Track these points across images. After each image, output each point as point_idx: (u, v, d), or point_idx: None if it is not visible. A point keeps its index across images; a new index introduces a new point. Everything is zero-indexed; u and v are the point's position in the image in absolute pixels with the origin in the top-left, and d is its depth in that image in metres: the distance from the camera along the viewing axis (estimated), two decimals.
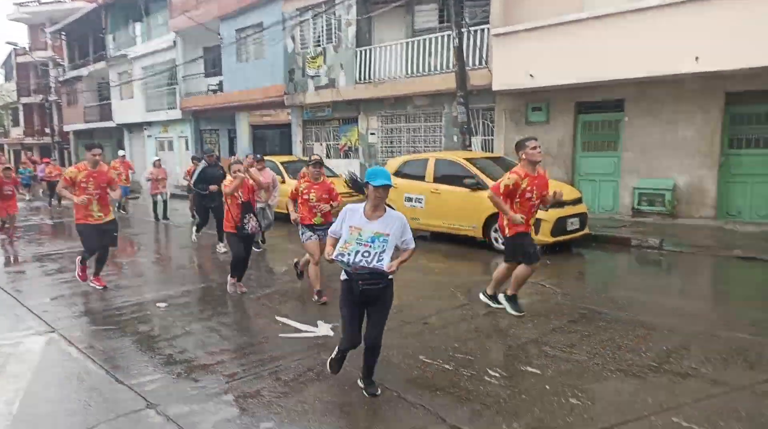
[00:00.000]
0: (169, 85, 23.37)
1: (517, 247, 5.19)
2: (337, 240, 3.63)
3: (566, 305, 5.65)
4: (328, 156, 17.16)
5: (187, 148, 23.54)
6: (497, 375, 4.00)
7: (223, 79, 20.35)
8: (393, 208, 3.69)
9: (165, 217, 13.53)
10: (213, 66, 21.86)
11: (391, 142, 15.33)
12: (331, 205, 6.11)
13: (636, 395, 3.62)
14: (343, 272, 3.63)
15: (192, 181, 10.00)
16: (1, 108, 45.95)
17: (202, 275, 7.92)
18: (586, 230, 8.77)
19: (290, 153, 17.67)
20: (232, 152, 21.48)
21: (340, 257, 3.46)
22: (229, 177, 6.38)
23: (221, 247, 9.00)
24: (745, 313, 5.25)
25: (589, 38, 10.11)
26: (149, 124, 25.55)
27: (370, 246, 3.42)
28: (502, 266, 5.48)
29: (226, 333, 5.12)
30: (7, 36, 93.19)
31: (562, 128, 11.74)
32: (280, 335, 5.00)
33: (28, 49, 38.86)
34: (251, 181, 6.56)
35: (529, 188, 5.05)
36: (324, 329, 5.11)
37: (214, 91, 21.12)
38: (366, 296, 3.54)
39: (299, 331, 5.12)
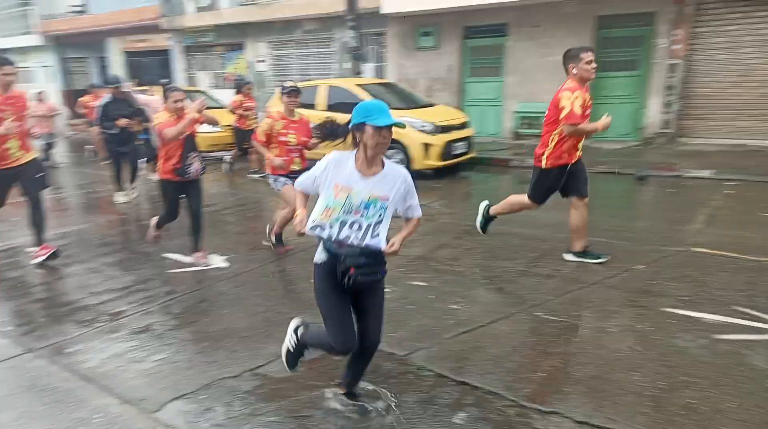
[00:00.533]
0: (23, 4, 20.42)
1: None
2: (307, 198, 2.64)
3: (452, 224, 6.01)
4: (216, 87, 16.21)
5: (52, 80, 21.09)
6: (388, 289, 4.23)
7: None
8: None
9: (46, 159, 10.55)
10: None
11: (282, 71, 14.76)
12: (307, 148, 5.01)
13: (507, 296, 4.04)
14: (319, 251, 2.55)
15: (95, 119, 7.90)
16: None
17: (81, 216, 7.40)
18: (473, 154, 9.20)
19: (171, 82, 16.45)
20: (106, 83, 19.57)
21: (319, 231, 2.43)
22: (163, 113, 4.62)
23: (120, 197, 7.67)
24: (605, 220, 5.90)
25: None
26: (2, 51, 22.38)
27: (363, 214, 2.40)
28: None
29: (110, 273, 4.90)
30: None
31: (451, 54, 11.93)
32: (169, 271, 4.88)
33: None
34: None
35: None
36: (217, 262, 5.05)
37: (79, 13, 18.81)
38: (358, 285, 2.45)
39: (190, 265, 5.02)
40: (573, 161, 4.51)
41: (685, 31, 9.43)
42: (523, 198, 4.84)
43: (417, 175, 5.13)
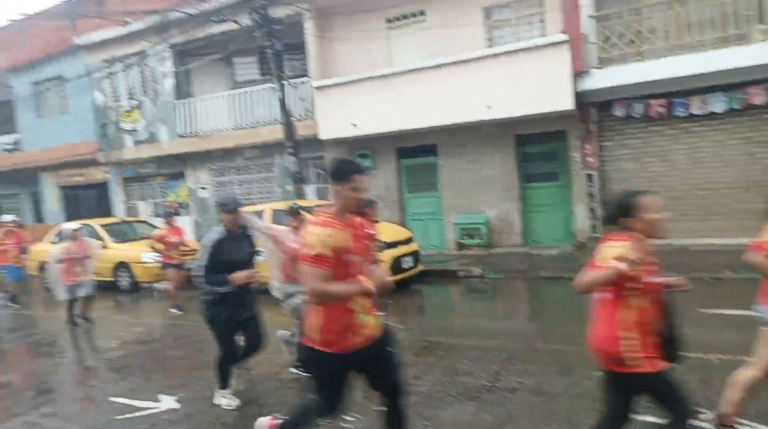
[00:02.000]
0: None
1: None
2: None
3: (410, 340, 6.04)
4: (157, 215, 16.09)
5: None
6: (353, 418, 4.14)
7: (21, 136, 18.10)
8: None
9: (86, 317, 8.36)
10: (6, 122, 19.30)
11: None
12: None
13: (475, 414, 4.03)
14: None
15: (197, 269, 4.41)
16: None
17: (12, 363, 6.84)
18: (420, 267, 9.47)
19: (109, 215, 16.20)
20: (38, 219, 19.00)
21: None
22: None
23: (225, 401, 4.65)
24: (557, 326, 6.14)
25: (400, 90, 11.14)
26: None
27: None
28: None
29: (51, 425, 4.51)
30: None
31: (388, 173, 12.63)
32: (117, 418, 4.56)
33: None
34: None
35: None
36: (167, 402, 4.78)
37: (10, 151, 18.62)
38: None
39: (139, 409, 4.71)
40: None
41: (593, 145, 10.56)
42: None
43: None
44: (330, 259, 2.71)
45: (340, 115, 11.86)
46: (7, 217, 8.13)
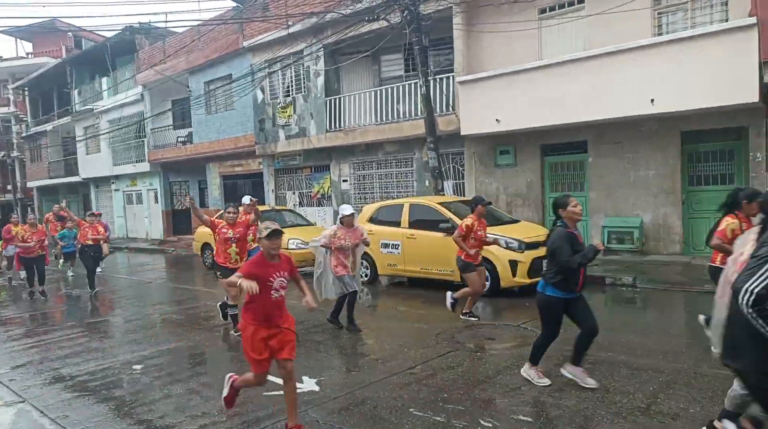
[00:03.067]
0: (137, 138, 23.22)
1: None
2: None
3: (551, 348, 5.66)
4: (301, 204, 17.17)
5: (156, 201, 23.23)
6: (490, 425, 3.95)
7: (193, 130, 20.37)
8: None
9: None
10: (182, 118, 21.88)
11: (364, 189, 15.47)
12: None
13: None
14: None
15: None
16: None
17: (176, 333, 7.67)
18: None
19: (263, 203, 17.60)
20: (203, 204, 21.30)
21: None
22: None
23: None
24: None
25: (549, 84, 10.57)
26: (116, 177, 25.19)
27: None
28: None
29: (208, 394, 4.93)
30: None
31: (530, 171, 12.08)
32: (264, 394, 4.85)
33: None
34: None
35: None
36: (309, 384, 4.99)
37: (184, 143, 21.08)
38: None
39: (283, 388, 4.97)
40: None
41: None
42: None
43: (504, 294, 5.01)
44: None
45: (484, 110, 11.59)
46: (246, 200, 8.52)
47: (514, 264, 8.22)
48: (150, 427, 4.26)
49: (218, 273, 7.19)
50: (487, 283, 8.48)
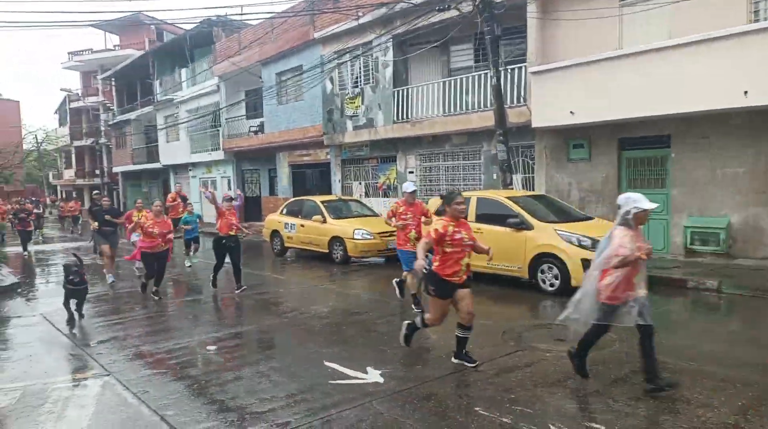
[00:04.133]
0: (213, 127, 24.20)
1: None
2: None
3: (625, 353, 5.41)
4: (366, 194, 17.31)
5: (229, 188, 24.16)
6: None
7: (264, 120, 20.97)
8: None
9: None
10: (254, 108, 22.58)
11: (430, 181, 15.37)
12: None
13: None
14: None
15: None
16: (55, 151, 48.35)
17: (247, 317, 7.94)
18: None
19: (329, 192, 17.90)
20: (272, 192, 21.95)
21: None
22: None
23: None
24: None
25: (629, 74, 10.01)
26: (194, 164, 26.41)
27: None
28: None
29: (276, 378, 5.08)
30: (61, 83, 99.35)
31: (606, 165, 11.55)
32: (330, 382, 4.93)
33: (80, 95, 41.16)
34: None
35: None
36: (374, 376, 5.02)
37: (255, 133, 21.75)
38: None
39: (348, 377, 5.04)
40: None
41: None
42: None
43: (574, 292, 4.81)
44: None
45: (557, 101, 11.16)
46: (410, 187, 7.57)
47: (586, 263, 7.89)
48: (222, 408, 4.44)
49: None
50: (557, 282, 8.24)
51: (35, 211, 20.77)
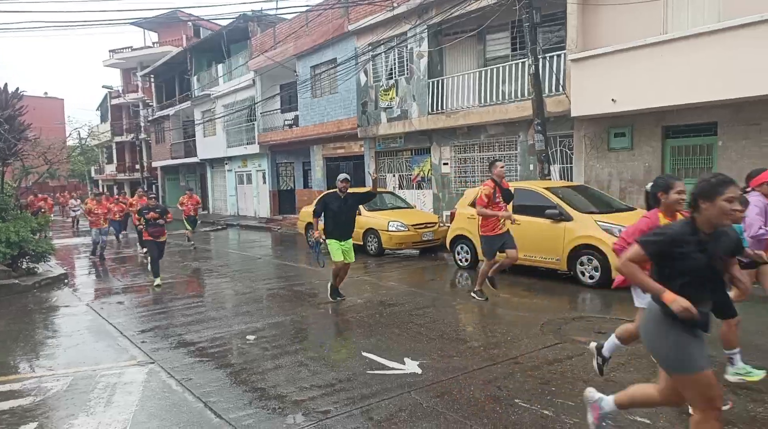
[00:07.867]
0: (248, 121, 24.56)
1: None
2: None
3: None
4: (400, 187, 17.27)
5: (264, 181, 24.50)
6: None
7: (299, 114, 21.14)
8: None
9: None
10: (289, 102, 22.80)
11: (465, 172, 15.21)
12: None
13: None
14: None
15: None
16: (97, 147, 49.97)
17: (284, 307, 8.05)
18: None
19: (363, 184, 17.93)
20: (306, 184, 22.14)
21: None
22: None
23: None
24: None
25: (675, 60, 9.65)
26: (230, 158, 26.88)
27: None
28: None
29: (315, 368, 5.13)
30: (102, 80, 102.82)
31: (649, 154, 11.19)
32: (368, 372, 4.95)
33: (121, 91, 42.36)
34: None
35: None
36: (411, 366, 5.02)
37: (290, 126, 21.96)
38: None
39: (386, 368, 5.05)
40: None
41: None
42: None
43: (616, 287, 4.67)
44: None
45: (598, 89, 10.86)
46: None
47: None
48: (263, 396, 4.51)
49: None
50: (597, 274, 8.06)
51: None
